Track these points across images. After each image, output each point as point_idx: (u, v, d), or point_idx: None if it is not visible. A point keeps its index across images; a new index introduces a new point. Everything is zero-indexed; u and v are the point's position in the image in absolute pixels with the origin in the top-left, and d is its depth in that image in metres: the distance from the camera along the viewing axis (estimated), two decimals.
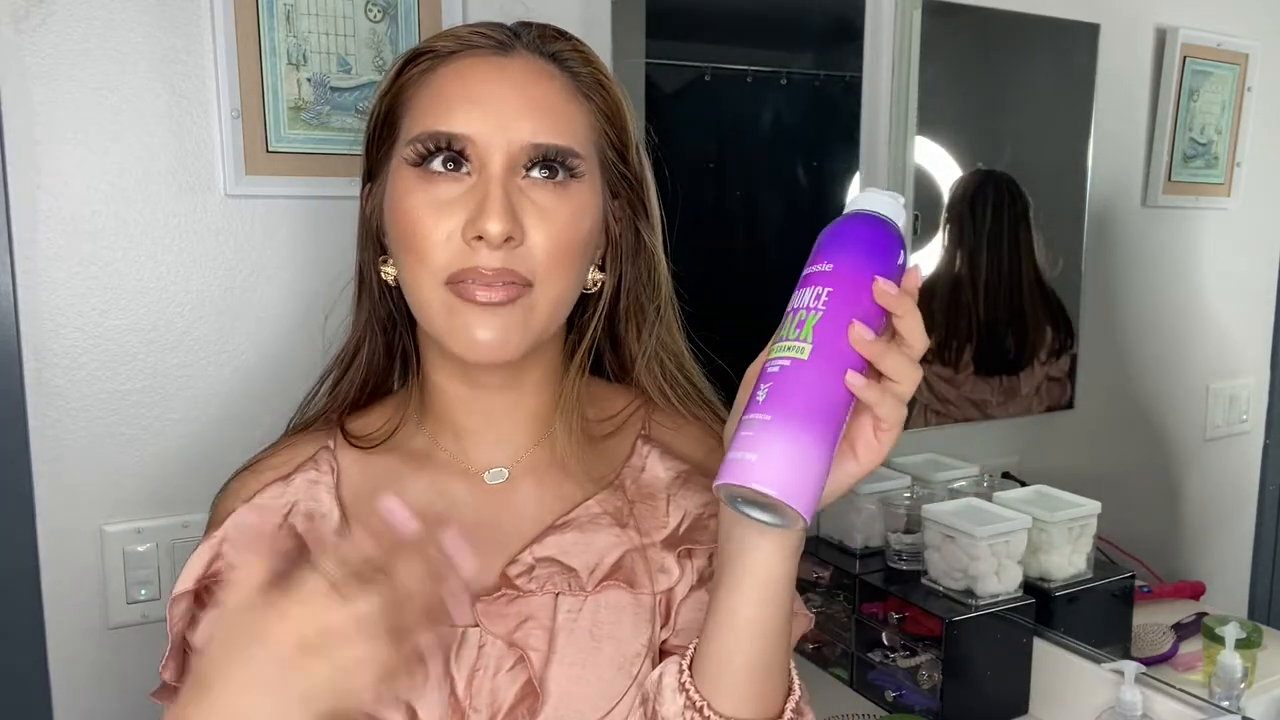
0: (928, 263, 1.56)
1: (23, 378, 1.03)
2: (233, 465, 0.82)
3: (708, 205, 1.45)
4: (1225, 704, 1.12)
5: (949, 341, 1.59)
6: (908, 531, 1.38)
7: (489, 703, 0.70)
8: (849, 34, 1.51)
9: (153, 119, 1.07)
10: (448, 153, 0.70)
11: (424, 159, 0.70)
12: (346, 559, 0.57)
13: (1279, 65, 1.45)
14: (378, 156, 0.76)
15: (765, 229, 1.52)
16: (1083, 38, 1.52)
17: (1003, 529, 1.25)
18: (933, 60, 1.53)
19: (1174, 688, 1.15)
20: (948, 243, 1.59)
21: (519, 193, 0.70)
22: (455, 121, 0.70)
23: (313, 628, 0.55)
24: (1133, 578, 1.34)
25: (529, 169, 0.71)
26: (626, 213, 0.79)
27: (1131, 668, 1.13)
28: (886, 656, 1.32)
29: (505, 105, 0.70)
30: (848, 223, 0.63)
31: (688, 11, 1.42)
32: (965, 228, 1.59)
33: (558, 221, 0.71)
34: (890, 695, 1.30)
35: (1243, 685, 1.13)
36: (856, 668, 1.37)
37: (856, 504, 1.41)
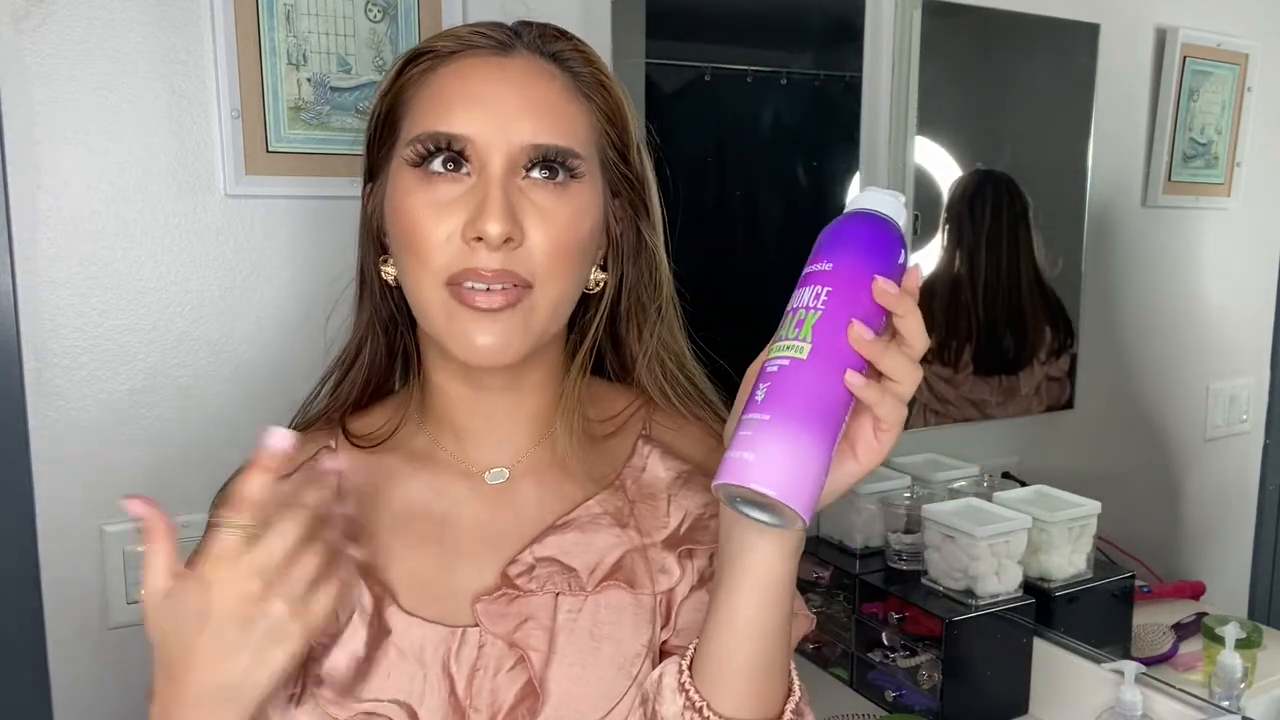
0: (927, 263, 1.57)
1: (23, 378, 1.03)
2: (233, 465, 0.81)
3: (708, 205, 1.45)
4: (1225, 704, 1.12)
5: (949, 341, 1.59)
6: (908, 531, 1.38)
7: (489, 703, 0.70)
8: (849, 34, 1.51)
9: (153, 119, 1.07)
10: (448, 153, 0.70)
11: (424, 159, 0.70)
12: (253, 503, 0.59)
13: (1279, 65, 1.45)
14: (378, 156, 0.76)
15: (765, 229, 1.52)
16: (1083, 38, 1.52)
17: (1003, 529, 1.25)
18: (933, 60, 1.53)
19: (1174, 688, 1.16)
20: (947, 243, 1.59)
21: (519, 193, 0.70)
22: (455, 122, 0.70)
23: (245, 575, 0.58)
24: (1133, 578, 1.34)
25: (529, 169, 0.70)
26: (627, 212, 0.79)
27: (1131, 668, 1.13)
28: (886, 656, 1.32)
29: (505, 105, 0.70)
30: (848, 222, 0.62)
31: (688, 11, 1.42)
32: (965, 228, 1.59)
33: (558, 222, 0.70)
34: (890, 695, 1.30)
35: (1243, 685, 1.14)
36: (856, 668, 1.37)
37: (856, 504, 1.41)
